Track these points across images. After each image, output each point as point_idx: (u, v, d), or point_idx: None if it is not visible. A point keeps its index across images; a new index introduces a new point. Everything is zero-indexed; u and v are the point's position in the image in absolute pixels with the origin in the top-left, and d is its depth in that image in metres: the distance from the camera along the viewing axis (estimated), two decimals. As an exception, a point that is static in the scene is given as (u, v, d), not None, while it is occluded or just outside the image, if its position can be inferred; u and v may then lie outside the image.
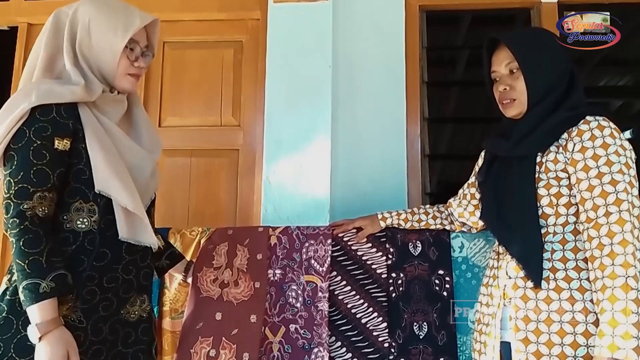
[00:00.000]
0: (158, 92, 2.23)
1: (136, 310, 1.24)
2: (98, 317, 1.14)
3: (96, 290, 1.14)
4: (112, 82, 1.23)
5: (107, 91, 1.22)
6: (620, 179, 1.15)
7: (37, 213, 1.08)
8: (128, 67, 1.23)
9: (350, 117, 2.07)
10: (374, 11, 2.14)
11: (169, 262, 1.46)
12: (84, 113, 1.16)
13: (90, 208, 1.14)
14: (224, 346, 1.57)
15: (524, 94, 1.29)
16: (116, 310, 1.19)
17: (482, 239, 1.66)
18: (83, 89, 1.15)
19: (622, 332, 1.04)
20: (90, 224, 1.14)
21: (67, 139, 1.13)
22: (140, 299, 1.25)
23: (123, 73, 1.23)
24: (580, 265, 1.18)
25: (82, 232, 1.14)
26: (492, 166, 1.40)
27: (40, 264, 1.05)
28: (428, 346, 1.60)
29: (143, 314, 1.26)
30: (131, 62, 1.23)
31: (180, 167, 2.18)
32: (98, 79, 1.21)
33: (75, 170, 1.14)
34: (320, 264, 1.68)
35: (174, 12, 2.25)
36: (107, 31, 1.18)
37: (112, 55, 1.19)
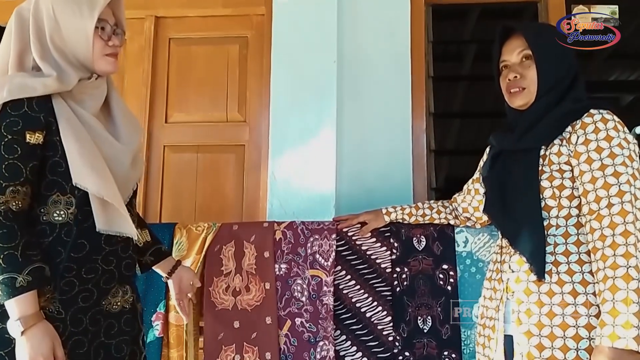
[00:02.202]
0: (164, 88, 2.25)
1: (118, 301, 1.23)
2: (77, 308, 1.14)
3: (75, 281, 1.14)
4: (91, 66, 1.21)
5: (84, 79, 1.21)
6: (623, 171, 1.14)
7: (10, 207, 1.08)
8: (103, 47, 1.21)
9: (356, 113, 2.07)
10: (379, 6, 2.13)
11: (153, 259, 1.43)
12: (58, 105, 1.14)
13: (68, 200, 1.14)
14: (246, 350, 1.66)
15: (534, 83, 1.29)
16: (97, 301, 1.18)
17: (487, 234, 1.66)
18: (56, 80, 1.13)
19: (623, 322, 1.04)
20: (67, 216, 1.14)
21: (40, 132, 1.12)
22: (122, 289, 1.25)
23: (100, 54, 1.21)
24: (583, 258, 1.18)
25: (58, 224, 1.14)
26: (497, 161, 1.39)
27: (16, 258, 1.05)
28: (432, 340, 1.61)
29: (126, 305, 1.25)
30: (105, 42, 1.21)
31: (186, 163, 2.20)
32: (76, 66, 1.19)
33: (51, 163, 1.13)
34: (325, 259, 1.69)
35: (180, 8, 2.26)
36: (74, 15, 1.17)
37: (84, 38, 1.18)
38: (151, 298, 1.71)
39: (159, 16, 2.29)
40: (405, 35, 2.11)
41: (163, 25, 2.29)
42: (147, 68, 2.25)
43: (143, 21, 2.28)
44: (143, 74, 2.25)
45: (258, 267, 1.71)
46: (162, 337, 1.70)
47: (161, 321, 1.70)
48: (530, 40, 1.30)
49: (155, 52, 2.27)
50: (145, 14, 2.28)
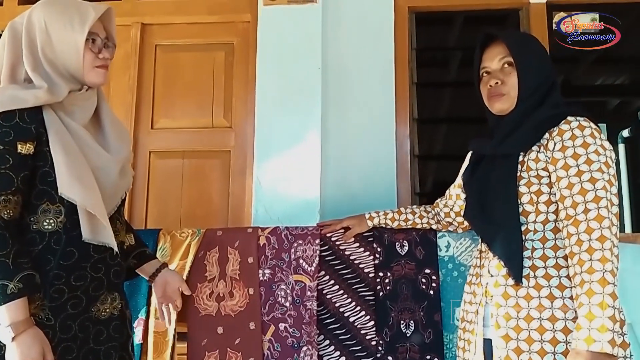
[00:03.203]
0: (150, 94, 2.26)
1: (107, 308, 1.25)
2: (66, 315, 1.16)
3: (64, 288, 1.16)
4: (82, 78, 1.24)
5: (74, 90, 1.23)
6: (599, 177, 1.16)
7: (2, 216, 1.10)
8: (93, 59, 1.24)
9: (340, 119, 2.09)
10: (363, 13, 2.16)
11: (136, 262, 1.46)
12: (48, 116, 1.17)
13: (57, 209, 1.16)
14: (230, 356, 1.65)
15: (514, 89, 1.31)
16: (86, 308, 1.20)
17: (468, 238, 1.68)
18: (46, 92, 1.16)
19: (599, 325, 1.06)
20: (56, 225, 1.16)
21: (30, 143, 1.14)
22: (111, 296, 1.27)
23: (90, 66, 1.24)
24: (560, 263, 1.20)
25: (48, 233, 1.16)
26: (478, 167, 1.41)
27: (7, 266, 1.08)
28: (415, 344, 1.62)
29: (114, 312, 1.27)
30: (95, 54, 1.24)
31: (172, 169, 2.20)
32: (67, 78, 1.22)
33: (41, 172, 1.16)
34: (309, 264, 1.70)
35: (166, 15, 2.27)
36: (65, 28, 1.20)
37: (75, 51, 1.21)
38: (133, 304, 1.70)
39: (145, 23, 2.30)
40: (389, 42, 2.14)
41: (149, 32, 2.31)
42: (133, 75, 2.26)
43: (129, 28, 2.29)
44: (129, 80, 2.26)
45: (242, 273, 1.71)
46: (142, 343, 1.69)
47: (142, 327, 1.70)
48: (511, 47, 1.32)
49: (141, 58, 2.28)
50: (131, 21, 2.29)
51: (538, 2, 2.18)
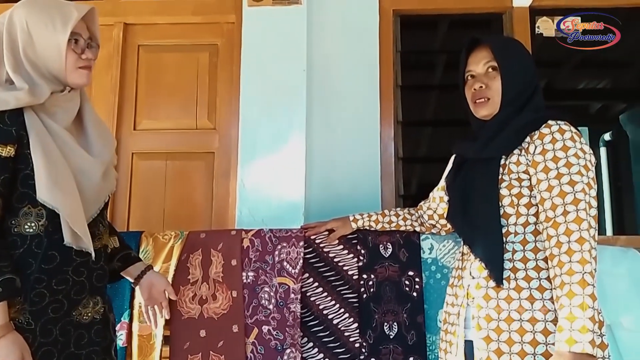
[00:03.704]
0: (133, 95, 2.24)
1: (89, 312, 1.24)
2: (47, 319, 1.15)
3: (45, 292, 1.15)
4: (65, 79, 1.22)
5: (57, 92, 1.22)
6: (578, 179, 1.18)
7: None
8: (76, 60, 1.22)
9: (325, 121, 2.09)
10: (348, 15, 2.16)
11: (121, 264, 1.44)
12: (29, 118, 1.15)
13: (39, 212, 1.15)
14: (212, 359, 1.64)
15: (498, 93, 1.32)
16: (67, 312, 1.19)
17: (451, 241, 1.69)
18: (27, 93, 1.15)
19: (580, 326, 1.07)
20: (37, 228, 1.15)
21: (11, 146, 1.13)
22: (93, 300, 1.25)
23: (73, 67, 1.22)
24: (540, 265, 1.21)
25: (29, 236, 1.14)
26: (461, 169, 1.42)
27: None
28: (398, 346, 1.63)
29: (96, 316, 1.26)
30: (78, 55, 1.23)
31: (155, 170, 2.18)
32: (49, 79, 1.20)
33: (22, 175, 1.14)
34: (293, 266, 1.70)
35: (149, 15, 2.26)
36: (47, 28, 1.18)
37: (57, 52, 1.19)
38: (116, 307, 1.67)
39: (128, 23, 2.28)
40: (374, 45, 2.14)
41: (132, 32, 2.29)
42: (115, 75, 2.24)
43: (112, 28, 2.27)
44: (111, 80, 2.23)
45: (225, 275, 1.70)
46: (126, 347, 1.68)
47: (125, 331, 1.69)
48: (496, 52, 1.34)
49: (124, 59, 2.26)
50: (114, 20, 2.27)
51: (521, 7, 2.21)
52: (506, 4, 2.21)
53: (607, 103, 4.07)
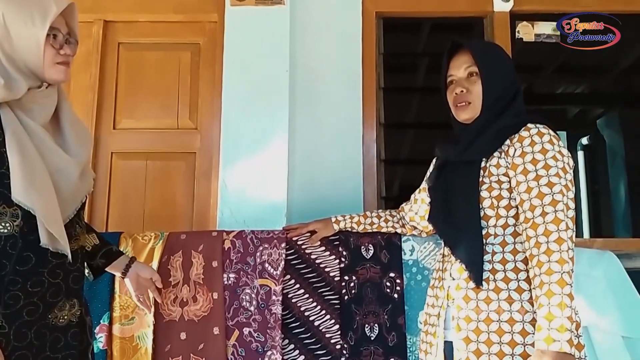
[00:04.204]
0: (112, 94, 2.20)
1: (65, 314, 1.21)
2: (22, 322, 1.12)
3: (19, 294, 1.12)
4: (42, 74, 1.19)
5: (34, 88, 1.19)
6: (556, 181, 1.20)
7: None
8: (54, 55, 1.20)
9: (308, 122, 2.09)
10: (331, 17, 2.17)
11: (105, 261, 1.43)
12: (5, 115, 1.13)
13: (14, 212, 1.12)
14: None
15: (479, 98, 1.34)
16: (42, 315, 1.16)
17: (432, 242, 1.70)
18: (3, 88, 1.12)
19: (558, 325, 1.09)
20: (12, 229, 1.12)
21: None
22: (70, 303, 1.22)
23: (51, 63, 1.19)
24: (519, 266, 1.23)
25: (3, 237, 1.11)
26: (442, 172, 1.44)
27: None
28: (379, 347, 1.63)
29: (73, 319, 1.23)
30: (57, 50, 1.20)
31: (135, 170, 2.15)
32: (26, 74, 1.17)
33: None
34: (274, 268, 1.69)
35: (129, 13, 2.22)
36: (25, 23, 1.15)
37: (36, 46, 1.16)
38: (94, 310, 1.65)
39: (108, 20, 2.25)
40: (357, 47, 2.15)
41: (112, 30, 2.25)
42: (94, 73, 2.20)
43: (91, 25, 2.23)
44: (90, 78, 2.20)
45: (206, 277, 1.69)
46: (106, 349, 1.66)
47: (105, 333, 1.66)
48: (477, 57, 1.35)
49: (103, 56, 2.22)
50: (93, 17, 2.23)
51: (501, 11, 2.24)
52: (487, 8, 2.24)
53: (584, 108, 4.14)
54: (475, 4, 2.25)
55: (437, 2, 2.25)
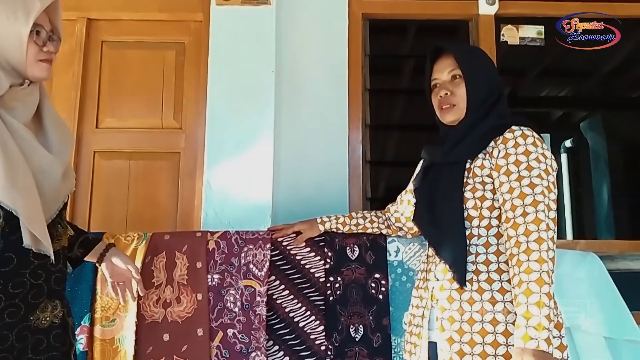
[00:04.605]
0: (95, 92, 2.17)
1: (47, 316, 1.19)
2: (3, 324, 1.10)
3: (0, 296, 1.10)
4: (24, 72, 1.17)
5: (15, 85, 1.17)
6: (538, 182, 1.21)
7: None
8: (37, 52, 1.18)
9: (293, 122, 2.08)
10: (317, 18, 2.16)
11: (83, 251, 1.41)
12: None
13: None
14: None
15: (463, 100, 1.35)
16: (24, 317, 1.13)
17: (417, 243, 1.71)
18: None
19: (536, 324, 1.10)
20: None
21: None
22: (52, 304, 1.20)
23: (34, 60, 1.17)
24: (502, 267, 1.23)
25: None
26: (428, 173, 1.44)
27: None
28: (364, 348, 1.63)
29: (55, 320, 1.21)
30: (40, 47, 1.18)
31: (118, 170, 2.12)
32: (8, 71, 1.16)
33: None
34: (259, 269, 1.68)
35: (113, 11, 2.20)
36: (8, 18, 1.13)
37: (18, 43, 1.14)
38: (75, 311, 1.63)
39: (92, 18, 2.22)
40: (343, 48, 2.15)
41: (95, 28, 2.22)
42: (77, 71, 2.17)
43: (74, 23, 2.20)
44: (73, 77, 2.16)
45: (190, 278, 1.67)
46: (87, 351, 1.63)
47: (86, 335, 1.63)
48: (460, 60, 1.37)
49: (86, 55, 2.19)
50: (76, 15, 2.20)
51: (486, 15, 2.25)
52: (472, 11, 2.25)
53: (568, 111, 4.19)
54: (461, 7, 2.26)
55: (423, 4, 2.26)
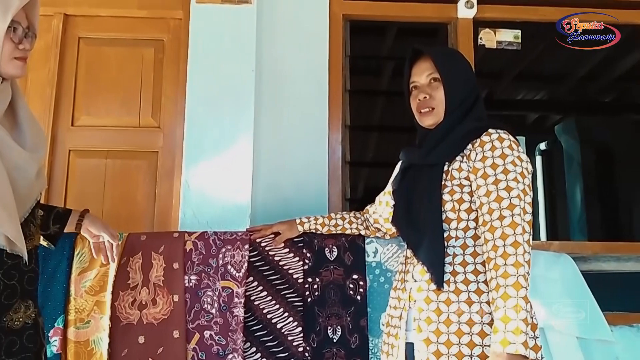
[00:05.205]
0: (71, 89, 2.13)
1: (20, 317, 1.17)
2: None
3: None
4: None
5: None
6: (514, 186, 1.23)
7: None
8: (13, 50, 1.16)
9: (273, 122, 2.07)
10: (298, 18, 2.16)
11: (59, 226, 1.42)
12: None
13: None
14: None
15: (442, 103, 1.36)
16: None
17: (395, 244, 1.72)
18: None
19: (514, 328, 1.11)
20: None
21: None
22: (25, 304, 1.18)
23: (8, 57, 1.15)
24: (479, 268, 1.25)
25: None
26: (406, 175, 1.45)
27: None
28: (341, 349, 1.63)
29: (28, 321, 1.19)
30: (15, 44, 1.16)
31: (94, 169, 2.09)
32: None
33: None
34: (237, 270, 1.67)
35: (91, 7, 2.16)
36: None
37: None
38: (49, 312, 1.60)
39: (69, 14, 2.18)
40: (323, 49, 2.15)
41: (72, 24, 2.18)
42: (53, 68, 2.12)
43: (51, 18, 2.16)
44: (49, 73, 2.12)
45: (166, 279, 1.65)
46: (60, 353, 1.60)
47: (59, 337, 1.60)
48: (438, 63, 1.37)
49: (63, 51, 2.15)
50: (53, 11, 2.15)
51: (465, 18, 2.28)
52: (451, 14, 2.28)
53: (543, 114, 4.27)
54: (440, 11, 2.29)
55: (403, 7, 2.27)
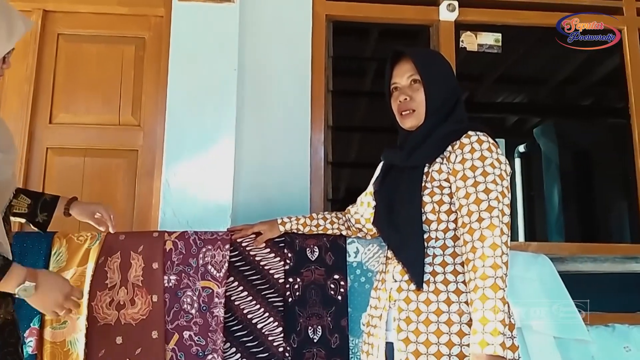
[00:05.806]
0: (50, 86, 2.10)
1: (1, 313, 1.18)
2: None
3: None
4: None
5: None
6: (493, 188, 1.24)
7: None
8: None
9: (255, 122, 2.06)
10: (281, 18, 2.16)
11: (47, 213, 1.43)
12: None
13: None
14: None
15: (422, 105, 1.37)
16: None
17: (376, 245, 1.73)
18: None
19: (492, 329, 1.12)
20: None
21: None
22: (5, 301, 1.19)
23: None
24: (458, 269, 1.26)
25: None
26: (387, 176, 1.46)
27: None
28: (322, 349, 1.63)
29: (8, 316, 1.20)
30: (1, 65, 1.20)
31: (72, 167, 2.06)
32: None
33: None
34: (218, 270, 1.66)
35: (70, 3, 2.13)
36: None
37: None
38: (25, 313, 1.55)
39: (48, 10, 2.15)
40: (306, 49, 2.15)
41: (51, 20, 2.15)
42: (31, 64, 2.09)
43: (30, 14, 2.12)
44: (27, 70, 2.08)
45: (145, 279, 1.63)
46: (36, 354, 1.57)
47: (35, 337, 1.58)
48: (418, 65, 1.38)
49: (41, 47, 2.12)
50: (32, 6, 2.12)
51: (447, 21, 2.30)
52: (433, 17, 2.30)
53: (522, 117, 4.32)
54: (422, 13, 2.30)
55: (386, 8, 2.29)
